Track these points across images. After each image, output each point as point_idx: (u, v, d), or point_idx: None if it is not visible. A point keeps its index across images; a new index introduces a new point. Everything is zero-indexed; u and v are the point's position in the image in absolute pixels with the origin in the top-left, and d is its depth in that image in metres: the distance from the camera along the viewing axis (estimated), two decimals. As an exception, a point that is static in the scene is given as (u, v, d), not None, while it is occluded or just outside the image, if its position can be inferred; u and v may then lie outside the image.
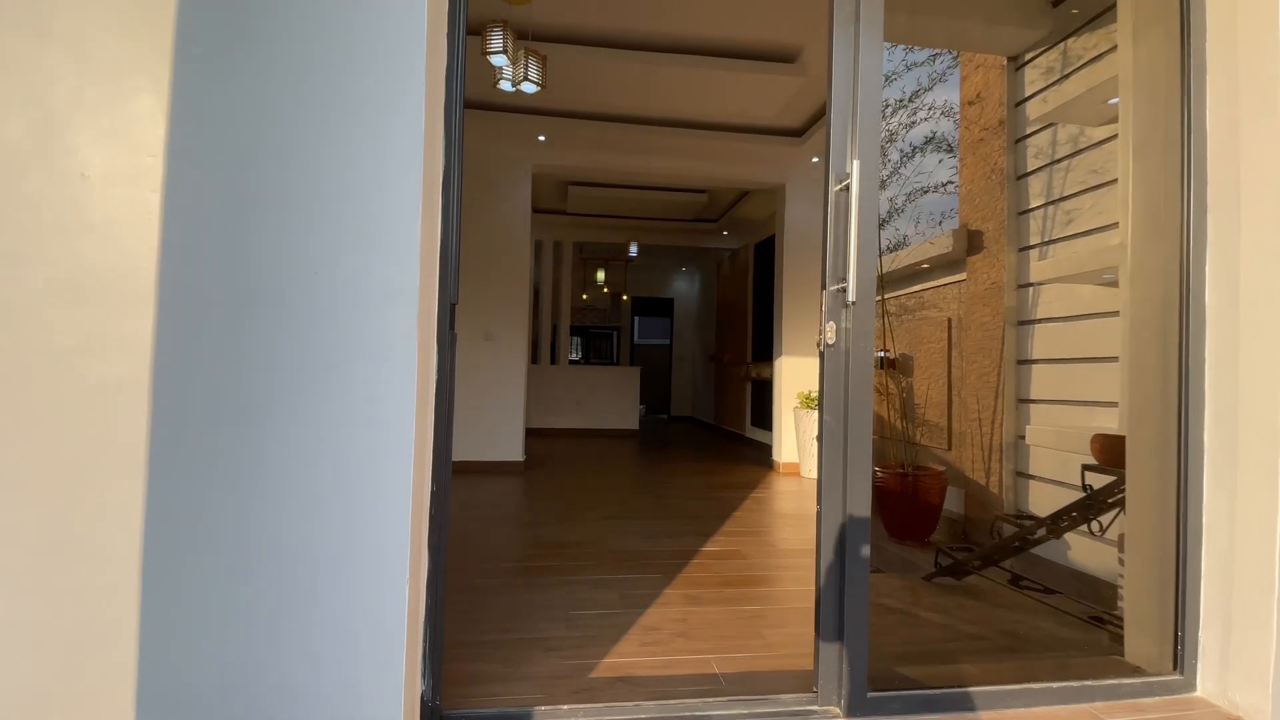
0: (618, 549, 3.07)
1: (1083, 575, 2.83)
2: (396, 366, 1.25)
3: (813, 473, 5.33)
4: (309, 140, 1.25)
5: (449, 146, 1.48)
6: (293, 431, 1.23)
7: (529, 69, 3.29)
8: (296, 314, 1.23)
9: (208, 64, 1.23)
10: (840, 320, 1.62)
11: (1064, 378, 3.08)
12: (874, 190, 1.61)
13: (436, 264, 1.44)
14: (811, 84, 4.18)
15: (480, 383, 5.32)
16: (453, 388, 1.50)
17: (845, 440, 1.60)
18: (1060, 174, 3.19)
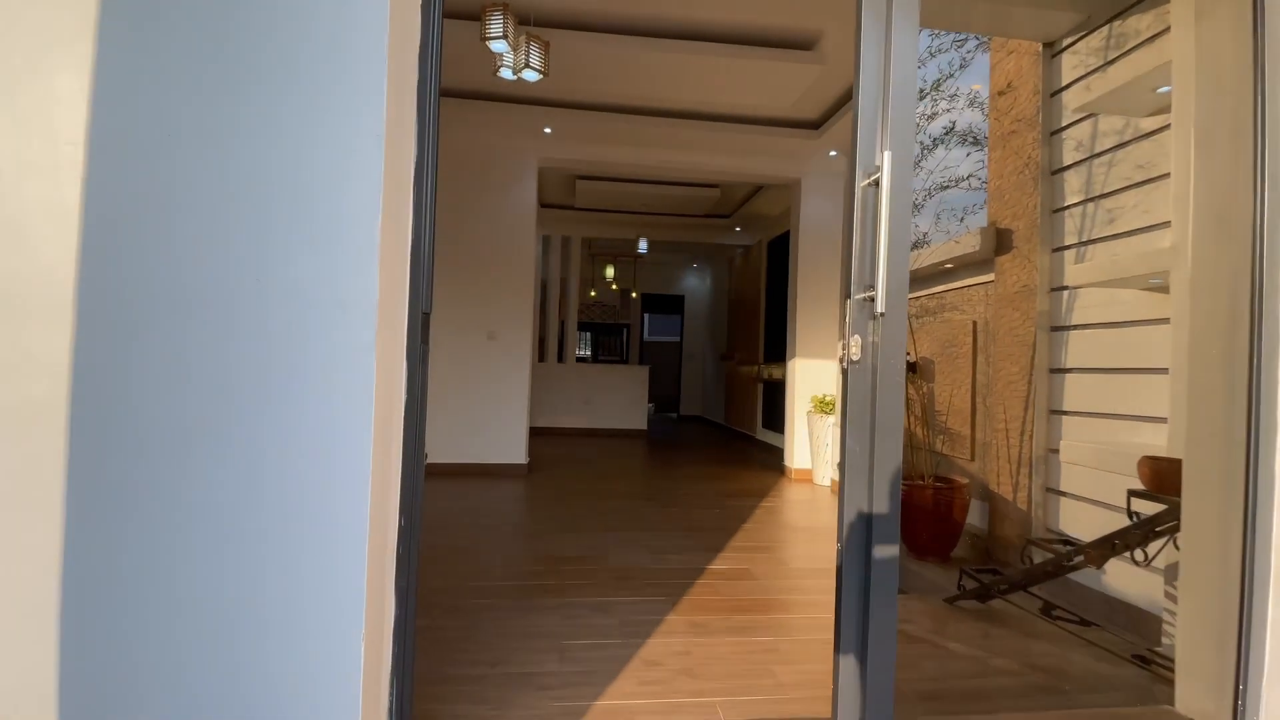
0: (620, 565, 2.90)
1: (1121, 604, 2.62)
2: (351, 387, 1.08)
3: (826, 480, 5.13)
4: (251, 128, 1.07)
5: (423, 136, 1.30)
6: (231, 461, 1.07)
7: (531, 56, 3.10)
8: (235, 327, 1.06)
9: (135, 36, 1.06)
10: (867, 333, 1.42)
11: (1102, 389, 2.86)
12: (907, 185, 1.41)
13: (405, 269, 1.26)
14: (830, 73, 3.95)
15: (483, 383, 5.17)
16: (424, 406, 1.32)
17: (871, 470, 1.41)
18: (1101, 169, 2.95)
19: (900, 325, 1.41)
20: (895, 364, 1.40)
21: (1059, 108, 3.23)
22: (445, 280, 5.12)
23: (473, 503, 4.13)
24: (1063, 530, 3.07)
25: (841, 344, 1.46)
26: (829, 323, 5.47)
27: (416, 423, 1.30)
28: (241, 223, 1.07)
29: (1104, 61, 2.94)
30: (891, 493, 1.40)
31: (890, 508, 1.39)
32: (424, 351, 1.32)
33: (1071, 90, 3.14)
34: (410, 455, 1.29)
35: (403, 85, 1.20)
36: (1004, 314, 3.49)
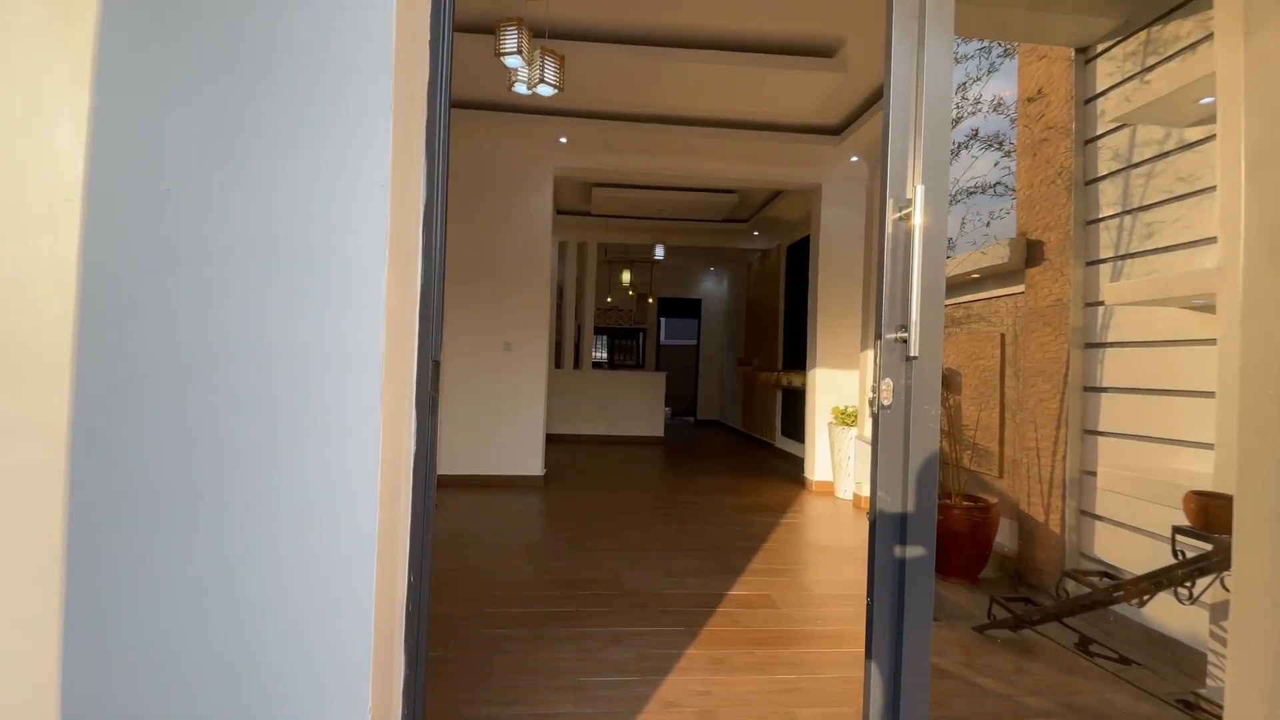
0: (637, 590, 2.84)
1: (1161, 637, 2.50)
2: (357, 446, 1.03)
3: (848, 494, 5.02)
4: (252, 182, 1.03)
5: (432, 178, 1.25)
6: (230, 529, 1.02)
7: (546, 70, 3.05)
8: (236, 388, 1.02)
9: (133, 86, 1.02)
10: (900, 377, 1.34)
11: (1140, 410, 2.73)
12: (942, 220, 1.33)
13: (414, 317, 1.21)
14: (852, 79, 3.85)
15: (499, 394, 5.14)
16: (434, 455, 1.27)
17: (904, 525, 1.33)
18: (1139, 180, 2.82)
19: (935, 370, 1.33)
20: (929, 410, 1.32)
21: (1093, 115, 3.10)
22: (461, 291, 5.10)
23: (488, 518, 4.09)
24: (1098, 556, 2.95)
25: (872, 386, 1.38)
26: (850, 332, 5.36)
27: (426, 474, 1.25)
28: (243, 279, 1.02)
29: (1141, 68, 2.81)
30: (926, 550, 1.32)
31: (924, 565, 1.31)
32: (433, 400, 1.27)
33: (1107, 98, 3.01)
34: (419, 509, 1.24)
35: (410, 126, 1.15)
36: (1035, 328, 3.37)
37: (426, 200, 1.24)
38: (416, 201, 1.21)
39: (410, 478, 1.22)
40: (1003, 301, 3.80)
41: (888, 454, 1.35)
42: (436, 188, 1.25)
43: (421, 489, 1.24)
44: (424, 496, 1.25)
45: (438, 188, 1.25)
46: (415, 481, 1.23)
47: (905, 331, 1.33)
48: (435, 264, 1.25)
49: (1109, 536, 2.90)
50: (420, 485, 1.24)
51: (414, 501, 1.22)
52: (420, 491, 1.24)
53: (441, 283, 1.28)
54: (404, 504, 1.19)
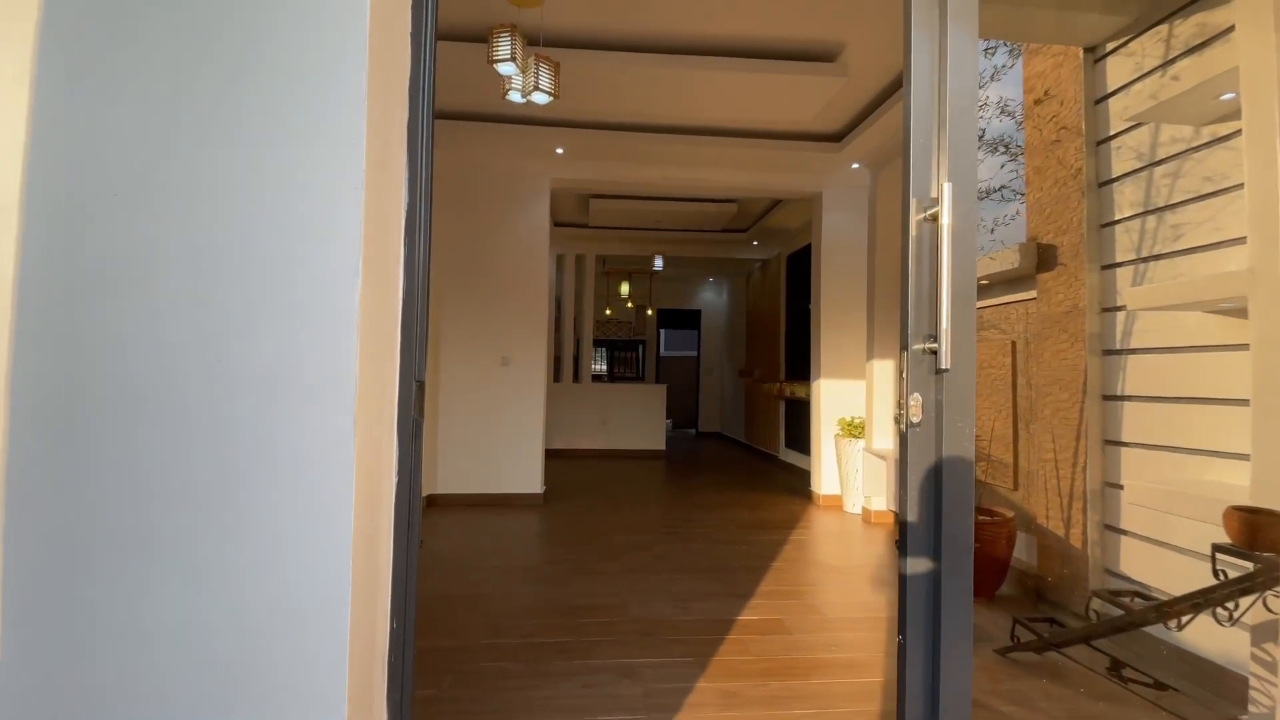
0: (642, 617, 2.70)
1: (1198, 661, 2.36)
2: (327, 482, 0.91)
3: (856, 508, 4.88)
4: (205, 187, 0.92)
5: (415, 180, 1.14)
6: (184, 577, 0.90)
7: (540, 77, 2.96)
8: (190, 418, 0.90)
9: (73, 83, 0.92)
10: (929, 391, 1.23)
11: (1167, 419, 2.62)
12: (972, 219, 1.22)
13: (395, 334, 1.09)
14: (853, 84, 3.77)
15: (496, 410, 5.02)
16: (418, 486, 1.15)
17: (937, 552, 1.21)
18: (1159, 179, 2.73)
19: (968, 383, 1.21)
20: (963, 428, 1.21)
21: (1104, 115, 3.01)
22: (457, 305, 4.99)
23: (485, 539, 3.95)
24: (1125, 573, 2.82)
25: (899, 402, 1.26)
26: (854, 342, 5.25)
27: (409, 508, 1.13)
28: (198, 295, 0.91)
29: (1156, 65, 2.72)
30: (962, 584, 1.19)
31: (962, 602, 1.18)
32: (417, 425, 1.15)
33: (1118, 97, 2.92)
34: (403, 546, 1.11)
35: (389, 124, 1.04)
36: (1049, 335, 3.26)
37: (409, 206, 1.13)
38: (397, 207, 1.10)
39: (392, 512, 1.10)
40: (1013, 308, 3.70)
41: (918, 476, 1.23)
42: (420, 193, 1.14)
43: (405, 524, 1.12)
44: (407, 533, 1.12)
45: (421, 192, 1.14)
46: (398, 516, 1.11)
47: (934, 342, 1.22)
48: (418, 276, 1.13)
49: (1136, 552, 2.77)
50: (403, 520, 1.12)
51: (396, 539, 1.10)
52: (403, 527, 1.12)
53: (426, 296, 1.17)
54: (384, 542, 1.07)
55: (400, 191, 1.11)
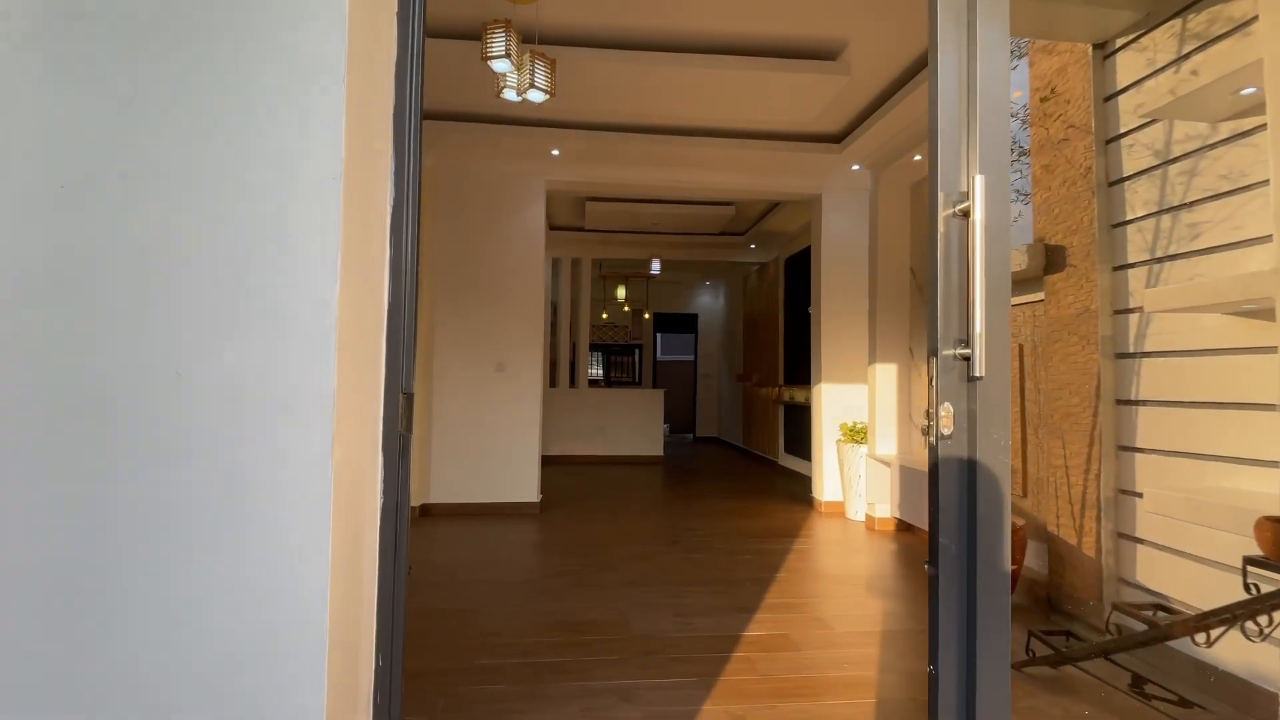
0: (643, 633, 2.60)
1: (1222, 676, 2.28)
2: (302, 507, 0.81)
3: (859, 515, 4.79)
4: (160, 174, 0.82)
5: (401, 174, 1.04)
6: (139, 620, 0.80)
7: (536, 75, 2.87)
8: (145, 440, 0.80)
9: (13, 63, 0.81)
10: (961, 400, 1.13)
11: (1186, 425, 2.53)
12: (1005, 214, 1.13)
13: (380, 343, 0.99)
14: (855, 83, 3.70)
15: (491, 417, 4.91)
16: (405, 514, 1.05)
17: (971, 576, 1.11)
18: (1175, 177, 2.65)
19: (1003, 391, 1.12)
20: (998, 439, 1.11)
21: (1114, 113, 2.94)
22: (451, 310, 4.89)
23: (480, 550, 3.84)
24: (1141, 582, 2.73)
25: (927, 411, 1.17)
26: (856, 345, 5.17)
27: (396, 532, 1.02)
28: (153, 302, 0.81)
29: (1171, 60, 2.65)
30: (998, 607, 1.10)
31: (998, 631, 1.09)
32: (404, 442, 1.05)
33: (1130, 94, 2.85)
34: (389, 575, 1.01)
35: (371, 110, 0.95)
36: (1059, 338, 3.18)
37: (395, 202, 1.03)
38: (382, 202, 1.00)
39: (376, 539, 1.00)
40: (1020, 310, 3.62)
41: (949, 493, 1.14)
42: (407, 187, 1.04)
43: (391, 552, 1.02)
44: (394, 561, 1.02)
45: (409, 187, 1.04)
46: (383, 543, 1.01)
47: (966, 347, 1.13)
48: (406, 278, 1.04)
49: (1153, 562, 2.68)
50: (390, 547, 1.02)
51: (382, 569, 1.00)
52: (389, 555, 1.01)
53: (414, 301, 1.07)
54: (368, 574, 0.97)
55: (385, 185, 1.01)
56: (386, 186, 1.02)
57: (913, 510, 4.18)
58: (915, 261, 4.75)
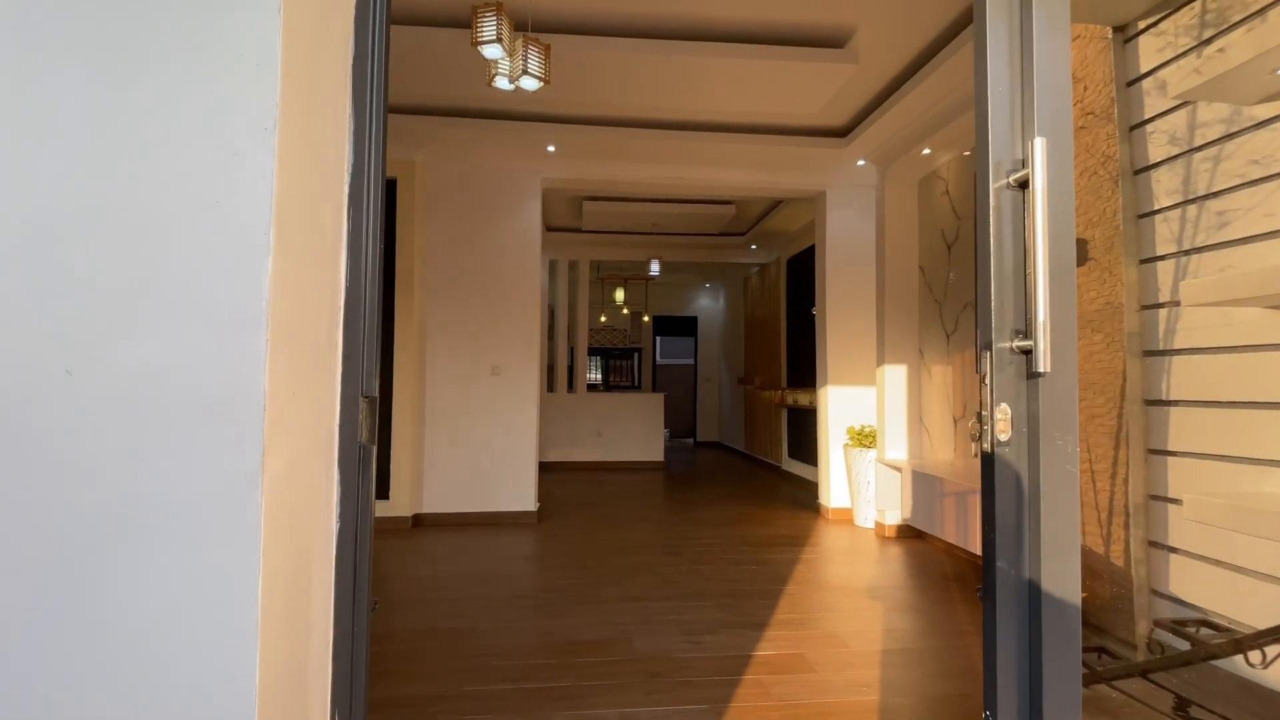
0: (647, 654, 2.43)
1: (1270, 696, 2.11)
2: (222, 538, 0.65)
3: (868, 521, 4.62)
4: (40, 122, 0.66)
5: (362, 131, 0.88)
6: (9, 686, 0.63)
7: (529, 61, 2.72)
8: (26, 451, 0.63)
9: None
10: (1020, 401, 0.97)
11: (1223, 426, 2.38)
12: (1069, 181, 0.98)
13: (334, 336, 0.83)
14: (863, 72, 3.55)
15: (487, 423, 4.74)
16: (366, 537, 0.88)
17: (1034, 608, 0.95)
18: (1197, 165, 2.50)
19: (1070, 389, 0.96)
20: (1065, 446, 0.95)
21: (1138, 98, 2.80)
22: (444, 312, 4.72)
23: (474, 563, 3.67)
24: (1174, 594, 2.57)
25: (980, 414, 1.00)
26: (863, 346, 5.01)
27: (356, 561, 0.86)
28: (37, 286, 0.64)
29: (1199, 42, 2.51)
30: (1067, 646, 0.93)
31: (1068, 677, 0.92)
32: (365, 453, 0.88)
33: (1155, 77, 2.71)
34: (347, 617, 0.84)
35: (322, 51, 0.78)
36: (1081, 336, 3.02)
37: (354, 167, 0.87)
38: (336, 167, 0.84)
39: (331, 571, 0.83)
40: (1037, 308, 3.46)
41: (1007, 509, 0.97)
42: (369, 150, 0.88)
43: (349, 584, 0.85)
44: (353, 594, 0.85)
45: (371, 150, 0.88)
46: (339, 574, 0.84)
47: (1026, 338, 0.96)
48: (368, 260, 0.87)
49: (1189, 572, 2.51)
50: (347, 579, 0.85)
51: (338, 605, 0.83)
52: (347, 588, 0.85)
53: (378, 288, 0.91)
54: (318, 611, 0.80)
55: (341, 148, 0.85)
56: (343, 150, 0.85)
57: (925, 517, 4.01)
58: (924, 259, 4.60)
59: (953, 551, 3.94)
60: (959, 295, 4.18)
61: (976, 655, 2.43)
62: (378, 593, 3.15)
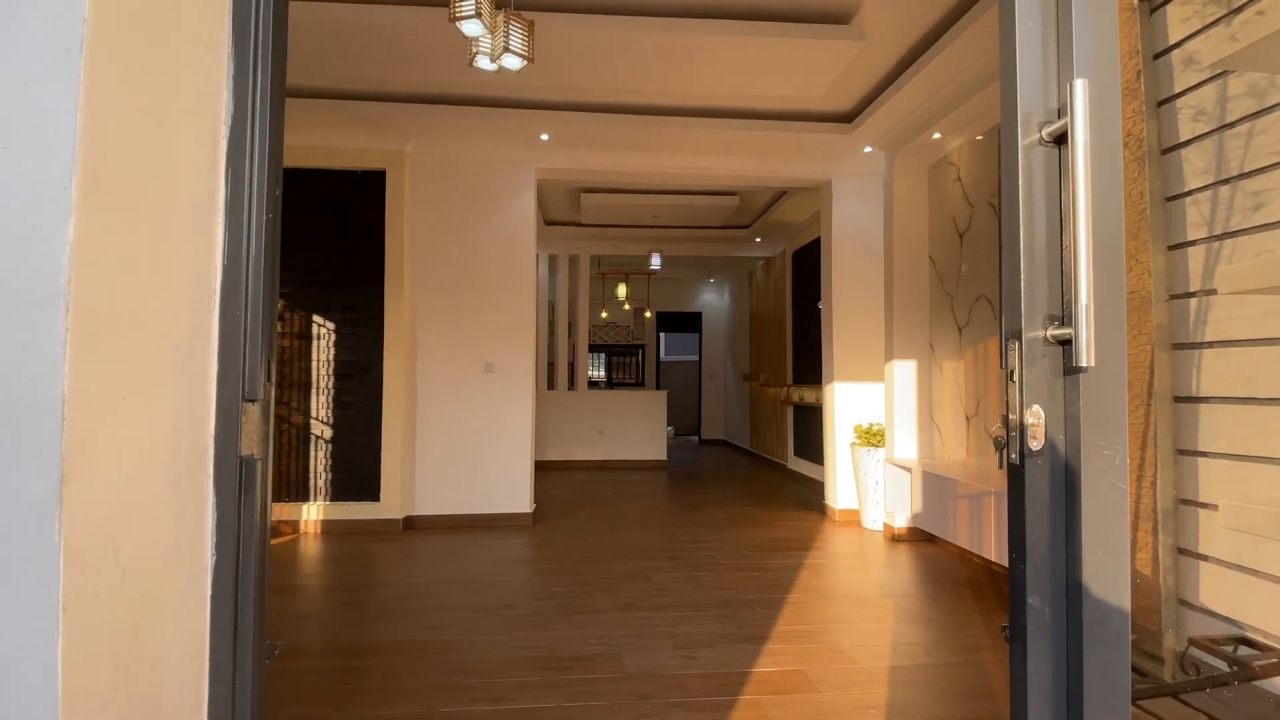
0: (639, 671, 2.27)
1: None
2: (6, 596, 0.49)
3: (876, 524, 4.44)
4: None
5: (245, 82, 0.72)
6: None
7: (511, 37, 2.55)
8: None
9: None
10: (1057, 402, 0.80)
11: (1263, 425, 2.18)
12: (1116, 131, 0.80)
13: (206, 330, 0.67)
14: (870, 50, 3.36)
15: (480, 422, 4.59)
16: (255, 577, 0.72)
17: (1076, 657, 0.78)
18: (1228, 142, 2.30)
19: (1119, 388, 0.79)
20: (1114, 459, 0.78)
21: (1167, 71, 2.59)
22: (436, 308, 4.58)
23: (462, 569, 3.52)
24: (1205, 605, 2.38)
25: (1006, 418, 0.83)
26: (871, 341, 4.82)
27: (236, 607, 0.70)
28: None
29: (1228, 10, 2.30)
30: (1116, 705, 0.76)
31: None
32: (248, 469, 0.72)
33: (1182, 50, 2.51)
34: (226, 668, 0.68)
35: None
36: (1103, 329, 2.83)
37: (233, 116, 0.71)
38: (204, 113, 0.68)
39: (206, 618, 0.67)
40: (1055, 299, 3.27)
41: (1040, 534, 0.80)
42: (255, 94, 0.72)
43: (229, 632, 0.69)
44: (234, 645, 0.69)
45: (257, 95, 0.72)
46: (218, 621, 0.68)
47: (1063, 326, 0.79)
48: (251, 232, 0.71)
49: (1221, 582, 2.32)
50: (227, 626, 0.69)
51: (216, 661, 0.67)
52: (226, 637, 0.69)
53: (272, 266, 0.74)
54: (181, 678, 0.64)
55: (214, 87, 0.69)
56: (218, 95, 0.69)
57: (937, 520, 3.83)
58: (934, 250, 4.40)
59: (966, 556, 3.76)
60: (972, 287, 3.99)
61: (993, 674, 2.26)
62: (362, 600, 3.01)
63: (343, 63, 3.55)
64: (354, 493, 4.33)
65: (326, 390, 4.37)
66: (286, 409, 4.34)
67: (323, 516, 4.31)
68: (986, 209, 3.87)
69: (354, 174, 4.43)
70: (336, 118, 4.05)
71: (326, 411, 4.36)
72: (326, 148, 4.36)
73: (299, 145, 4.34)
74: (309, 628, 2.69)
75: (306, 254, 4.37)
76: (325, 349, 4.38)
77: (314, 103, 3.90)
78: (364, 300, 4.39)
